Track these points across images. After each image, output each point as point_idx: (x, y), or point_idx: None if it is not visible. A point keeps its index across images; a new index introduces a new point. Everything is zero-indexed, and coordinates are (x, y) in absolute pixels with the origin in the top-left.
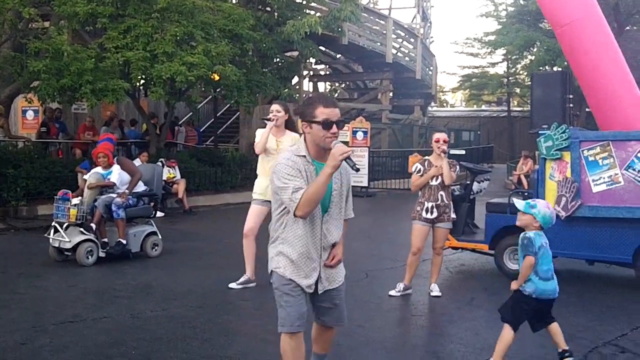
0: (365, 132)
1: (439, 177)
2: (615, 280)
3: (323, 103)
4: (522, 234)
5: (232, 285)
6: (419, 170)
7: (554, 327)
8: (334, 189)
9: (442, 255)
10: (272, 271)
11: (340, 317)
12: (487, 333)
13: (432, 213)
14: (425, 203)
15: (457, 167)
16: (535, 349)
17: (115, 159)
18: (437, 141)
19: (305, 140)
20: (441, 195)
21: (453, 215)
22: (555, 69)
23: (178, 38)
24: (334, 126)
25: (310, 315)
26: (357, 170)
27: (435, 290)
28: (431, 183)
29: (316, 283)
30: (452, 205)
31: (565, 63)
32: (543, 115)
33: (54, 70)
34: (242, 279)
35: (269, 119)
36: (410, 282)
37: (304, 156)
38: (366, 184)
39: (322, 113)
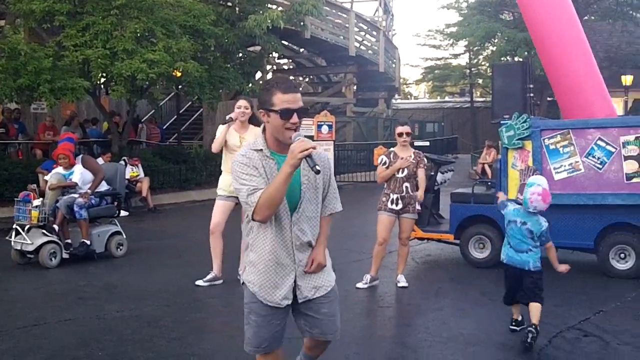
0: (330, 126)
1: (405, 169)
2: (578, 266)
3: (282, 88)
4: None
5: (199, 282)
6: (385, 162)
7: (533, 306)
8: (303, 182)
9: (408, 246)
10: (243, 282)
11: (327, 329)
12: (453, 322)
13: (397, 204)
14: (391, 194)
15: (425, 160)
16: (499, 336)
17: (79, 157)
18: (400, 135)
19: (264, 130)
20: (406, 187)
21: (418, 207)
22: (516, 59)
23: (138, 35)
24: (294, 115)
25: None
26: (318, 172)
27: (402, 281)
28: (397, 175)
29: (295, 291)
30: (417, 196)
31: (526, 53)
32: (504, 105)
33: (10, 70)
34: (209, 277)
35: (232, 119)
36: (377, 273)
37: (261, 150)
38: None
39: (280, 100)
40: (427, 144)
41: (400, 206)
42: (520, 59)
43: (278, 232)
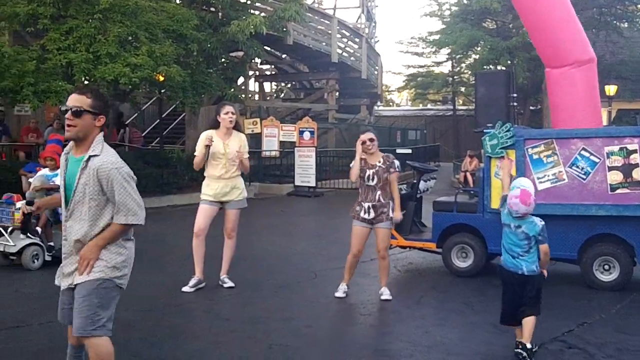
0: (312, 132)
1: (375, 177)
2: (561, 277)
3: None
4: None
5: (185, 289)
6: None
7: (526, 321)
8: (75, 186)
9: (387, 259)
10: None
11: (74, 324)
12: (435, 331)
13: (369, 213)
14: (363, 203)
15: (395, 163)
16: (481, 345)
17: None
18: (364, 143)
19: None
20: (378, 195)
21: (391, 214)
22: (499, 68)
23: (121, 39)
24: (68, 112)
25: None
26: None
27: (386, 294)
28: (368, 183)
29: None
30: (391, 204)
31: (509, 62)
32: (487, 114)
33: None
34: (193, 281)
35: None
36: (349, 282)
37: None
38: (314, 184)
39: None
40: (410, 151)
41: (372, 215)
42: (503, 68)
43: (63, 224)
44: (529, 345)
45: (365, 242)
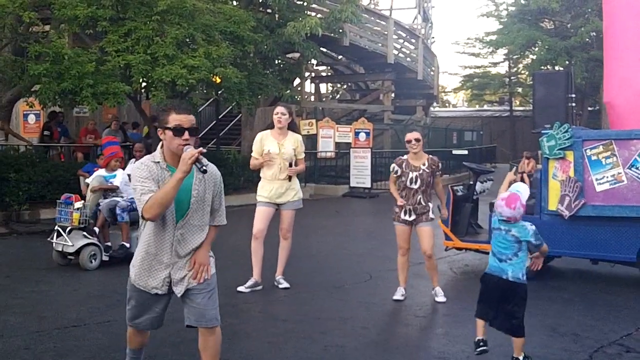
0: (367, 133)
1: (418, 180)
2: (620, 280)
3: (176, 110)
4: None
5: (241, 289)
6: (396, 170)
7: (515, 340)
8: (193, 195)
9: (433, 258)
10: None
11: (200, 317)
12: (492, 333)
13: (410, 215)
14: (404, 205)
15: (439, 165)
16: (537, 348)
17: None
18: (409, 142)
19: (162, 146)
20: (419, 198)
21: (432, 215)
22: (556, 68)
23: (178, 41)
24: (186, 133)
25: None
26: (205, 172)
27: (440, 296)
28: (410, 186)
29: (170, 286)
30: (430, 206)
31: (567, 62)
32: (545, 114)
33: (54, 74)
34: (249, 283)
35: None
36: (405, 284)
37: (158, 162)
38: (369, 185)
39: (174, 120)
40: (466, 152)
41: (413, 217)
42: (561, 68)
43: (161, 234)
44: (520, 358)
45: (409, 239)
